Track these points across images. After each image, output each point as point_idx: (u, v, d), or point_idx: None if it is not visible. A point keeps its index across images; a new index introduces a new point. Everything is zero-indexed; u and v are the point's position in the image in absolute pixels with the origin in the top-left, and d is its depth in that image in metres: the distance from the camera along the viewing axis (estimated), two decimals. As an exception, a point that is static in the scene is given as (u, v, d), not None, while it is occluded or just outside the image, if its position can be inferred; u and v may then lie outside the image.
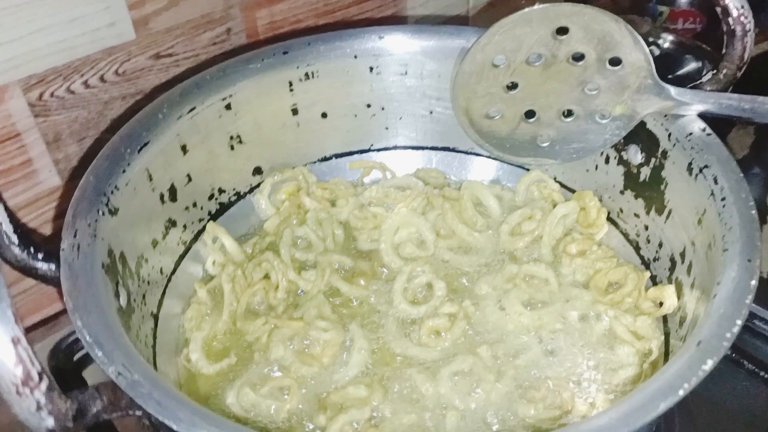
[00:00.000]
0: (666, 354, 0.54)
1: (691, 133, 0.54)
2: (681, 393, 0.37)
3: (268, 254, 0.64)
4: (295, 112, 0.69)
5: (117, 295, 0.51)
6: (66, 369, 0.67)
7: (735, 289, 0.42)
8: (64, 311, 0.73)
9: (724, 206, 0.48)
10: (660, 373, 0.39)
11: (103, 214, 0.52)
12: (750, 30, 0.52)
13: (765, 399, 0.58)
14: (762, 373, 0.58)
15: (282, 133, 0.70)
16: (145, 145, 0.58)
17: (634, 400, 0.37)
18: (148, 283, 0.59)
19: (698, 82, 0.57)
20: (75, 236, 0.49)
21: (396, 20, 0.92)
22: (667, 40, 0.93)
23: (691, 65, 0.89)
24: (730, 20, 0.52)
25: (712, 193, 0.50)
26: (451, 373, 0.53)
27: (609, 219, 0.65)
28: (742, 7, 0.52)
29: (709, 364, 0.38)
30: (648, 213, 0.60)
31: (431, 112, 0.72)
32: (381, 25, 0.69)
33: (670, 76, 0.85)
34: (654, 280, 0.59)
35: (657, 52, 0.93)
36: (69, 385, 0.62)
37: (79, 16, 0.65)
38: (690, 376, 0.38)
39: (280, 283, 0.61)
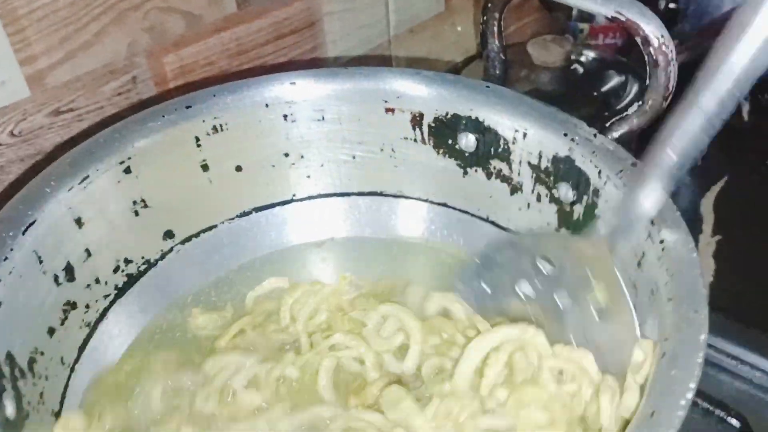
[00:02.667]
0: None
1: (621, 170, 0.52)
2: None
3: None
4: (205, 168, 0.64)
5: (1, 407, 0.44)
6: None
7: (684, 348, 0.39)
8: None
9: (662, 249, 0.46)
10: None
11: (-19, 313, 0.46)
12: (673, 59, 0.49)
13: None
14: (717, 411, 0.55)
15: (193, 191, 0.64)
16: (31, 225, 0.52)
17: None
18: (47, 377, 0.52)
19: (625, 114, 0.54)
20: (-57, 347, 0.43)
21: (315, 58, 0.88)
22: (589, 57, 0.92)
23: (615, 80, 0.88)
24: (652, 50, 0.50)
25: (650, 235, 0.47)
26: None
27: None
28: (662, 36, 0.49)
29: (664, 440, 0.35)
30: (586, 252, 0.57)
31: (354, 157, 0.68)
32: (291, 71, 0.64)
33: (595, 93, 0.85)
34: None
35: (581, 70, 0.92)
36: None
37: (-38, 78, 0.60)
38: (644, 454, 0.34)
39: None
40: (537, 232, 0.56)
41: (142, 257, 0.63)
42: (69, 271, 0.56)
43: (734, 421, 0.54)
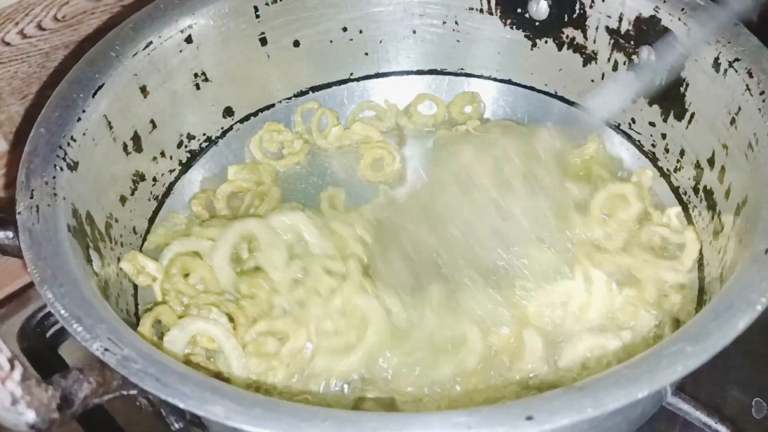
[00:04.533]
0: (700, 264, 0.50)
1: (715, 26, 0.49)
2: (759, 307, 0.33)
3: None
4: (263, 42, 0.62)
5: (89, 260, 0.44)
6: (39, 349, 0.60)
7: (797, 190, 0.38)
8: (28, 285, 0.66)
9: (764, 100, 0.44)
10: (729, 290, 0.34)
11: (62, 169, 0.45)
12: None
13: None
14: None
15: (251, 67, 0.62)
16: (100, 88, 0.51)
17: (707, 322, 0.33)
18: (122, 245, 0.52)
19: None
20: (32, 197, 0.42)
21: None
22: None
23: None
24: None
25: (748, 88, 0.45)
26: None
27: (620, 130, 0.60)
28: None
29: (784, 272, 0.34)
30: (665, 120, 0.55)
31: (414, 32, 0.66)
32: (353, -66, 0.61)
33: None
34: (677, 192, 0.55)
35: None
36: (47, 367, 0.57)
37: (1, -43, 0.57)
38: (765, 287, 0.33)
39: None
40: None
41: (204, 133, 0.62)
42: (136, 140, 0.55)
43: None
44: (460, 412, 0.31)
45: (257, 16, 0.60)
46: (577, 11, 0.57)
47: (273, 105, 0.66)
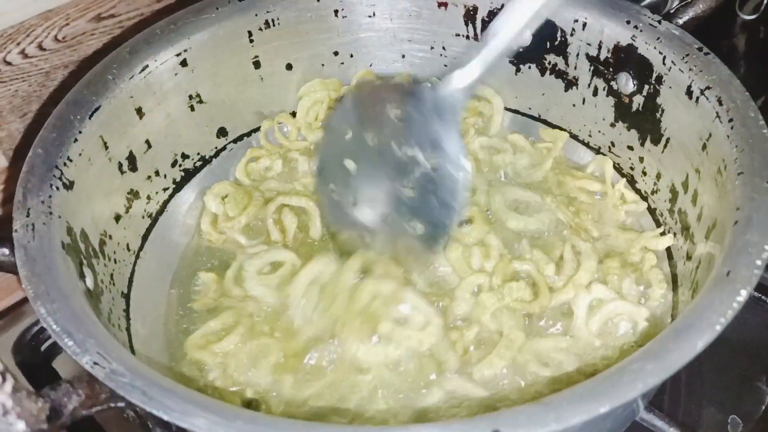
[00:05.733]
0: (674, 283, 0.52)
1: (687, 54, 0.51)
2: (718, 328, 0.34)
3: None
4: (257, 65, 0.64)
5: (82, 276, 0.46)
6: (34, 362, 0.61)
7: (758, 213, 0.39)
8: (24, 300, 0.68)
9: (732, 128, 0.45)
10: (691, 311, 0.36)
11: (58, 188, 0.47)
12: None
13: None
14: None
15: (245, 89, 0.64)
16: (97, 110, 0.52)
17: (668, 341, 0.34)
18: (115, 261, 0.54)
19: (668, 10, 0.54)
20: (28, 215, 0.44)
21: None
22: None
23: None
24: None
25: (718, 116, 0.47)
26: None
27: (600, 154, 0.62)
28: None
29: (743, 295, 0.36)
30: (642, 144, 0.57)
31: (403, 56, 0.68)
32: (343, -37, 0.63)
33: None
34: (653, 213, 0.57)
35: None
36: (40, 380, 0.59)
37: (5, -21, 0.59)
38: (725, 309, 0.35)
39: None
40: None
41: (198, 153, 0.64)
42: (131, 160, 0.56)
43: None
44: (430, 426, 0.32)
45: (251, 41, 0.62)
46: (559, 38, 0.59)
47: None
